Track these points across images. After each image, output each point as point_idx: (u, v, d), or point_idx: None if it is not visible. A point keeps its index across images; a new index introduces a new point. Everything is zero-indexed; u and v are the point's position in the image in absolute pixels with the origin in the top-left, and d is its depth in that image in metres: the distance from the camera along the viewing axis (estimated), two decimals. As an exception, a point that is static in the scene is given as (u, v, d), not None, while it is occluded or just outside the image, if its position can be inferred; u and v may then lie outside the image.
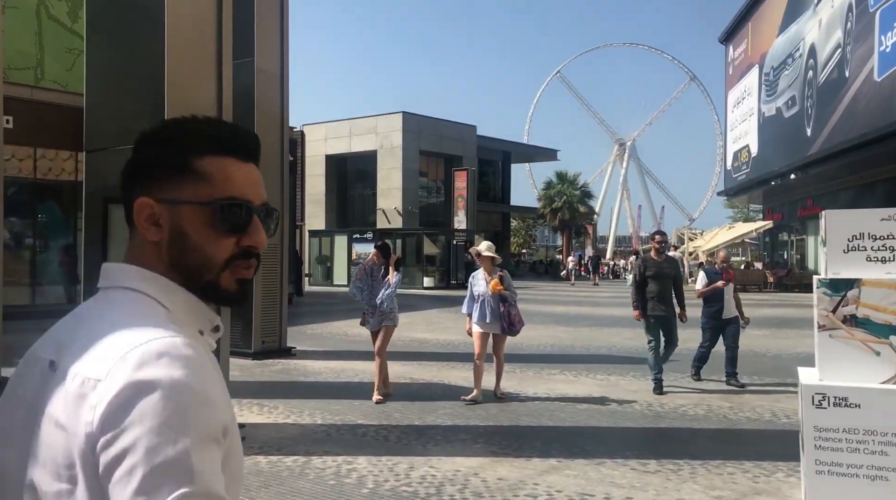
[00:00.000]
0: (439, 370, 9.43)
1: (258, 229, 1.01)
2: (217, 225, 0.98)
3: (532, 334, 13.54)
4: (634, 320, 8.99)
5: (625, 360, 10.56)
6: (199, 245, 0.98)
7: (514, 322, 7.62)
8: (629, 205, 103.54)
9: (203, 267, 0.99)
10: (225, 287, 1.00)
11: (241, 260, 1.00)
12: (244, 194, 0.99)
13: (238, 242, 0.99)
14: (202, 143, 0.99)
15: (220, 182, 0.98)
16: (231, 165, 1.00)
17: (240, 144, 1.01)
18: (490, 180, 46.30)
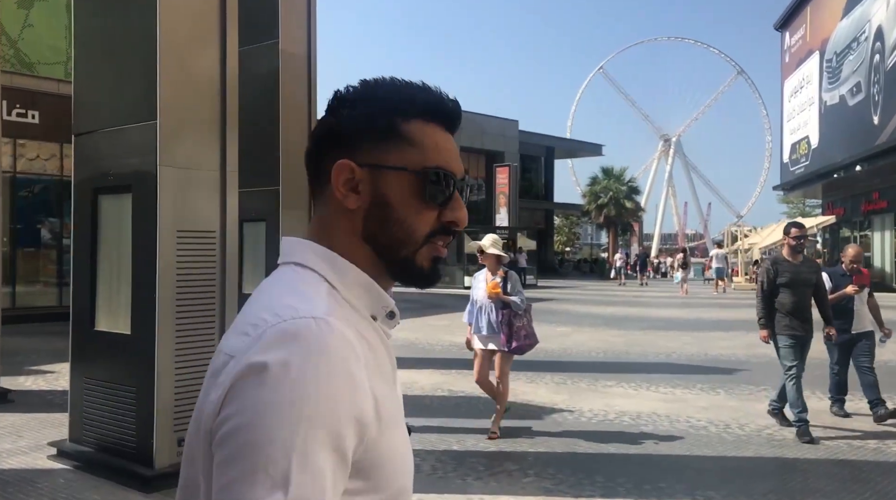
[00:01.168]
0: (481, 381, 8.48)
1: (460, 204, 0.93)
2: (424, 195, 0.90)
3: (581, 338, 12.50)
4: (690, 322, 7.82)
5: (687, 369, 9.46)
6: (402, 216, 0.90)
7: (517, 336, 5.86)
8: (675, 202, 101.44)
9: (403, 241, 0.90)
10: (420, 264, 0.92)
11: (442, 236, 0.92)
12: (448, 165, 0.92)
13: (439, 217, 0.91)
14: (412, 107, 0.91)
15: (429, 150, 0.91)
16: (438, 134, 0.93)
17: (448, 111, 0.94)
18: (532, 177, 45.15)
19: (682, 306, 20.24)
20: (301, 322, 0.79)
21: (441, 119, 0.94)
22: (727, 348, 11.41)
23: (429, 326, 14.34)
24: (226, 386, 0.78)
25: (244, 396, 0.75)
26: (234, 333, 0.84)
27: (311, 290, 0.85)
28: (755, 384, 8.29)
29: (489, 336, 5.96)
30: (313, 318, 0.79)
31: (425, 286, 0.95)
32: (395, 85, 0.93)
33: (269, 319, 0.80)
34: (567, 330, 13.80)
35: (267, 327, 0.79)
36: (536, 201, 43.91)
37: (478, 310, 6.04)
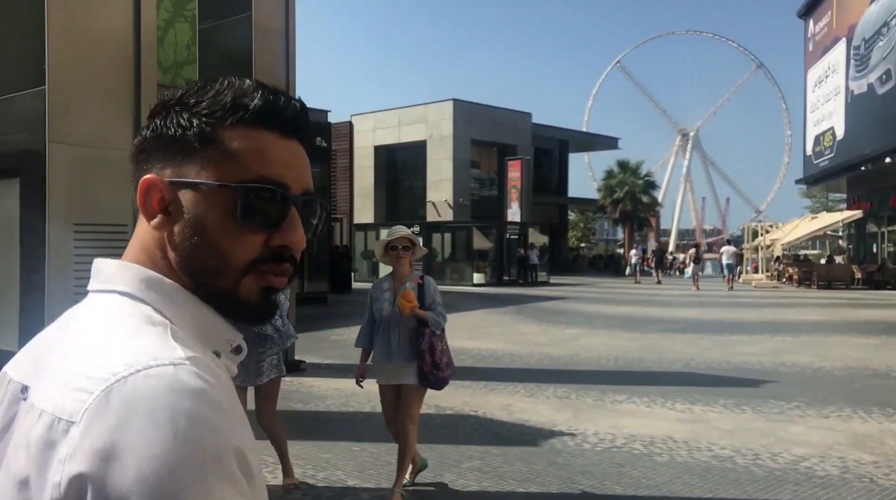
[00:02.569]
0: (474, 394, 7.53)
1: (295, 225, 0.78)
2: (240, 216, 0.75)
3: (592, 343, 11.51)
4: (710, 323, 6.84)
5: (708, 380, 8.45)
6: (215, 241, 0.76)
7: (439, 364, 4.33)
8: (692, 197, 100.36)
9: (218, 270, 0.76)
10: (245, 297, 0.77)
11: (271, 264, 0.77)
12: (281, 177, 0.77)
13: (267, 241, 0.77)
14: (231, 110, 0.77)
15: (249, 160, 0.76)
16: (266, 140, 0.78)
17: (280, 112, 0.78)
18: (546, 171, 44.01)
19: (701, 305, 19.16)
20: (167, 371, 0.66)
21: (273, 124, 0.78)
22: (751, 354, 10.38)
23: (428, 327, 13.41)
24: (77, 466, 0.61)
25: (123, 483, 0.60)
26: (58, 384, 0.67)
27: (150, 326, 0.72)
28: (786, 400, 7.27)
29: (400, 366, 4.33)
30: (175, 364, 0.67)
31: (256, 323, 0.80)
32: (217, 87, 0.79)
33: (119, 366, 0.66)
34: (577, 333, 12.81)
35: (118, 381, 0.64)
36: (550, 196, 42.78)
37: (383, 329, 4.39)
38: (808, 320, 14.85)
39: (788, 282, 28.15)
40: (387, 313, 4.40)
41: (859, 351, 10.64)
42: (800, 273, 27.36)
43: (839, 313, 16.14)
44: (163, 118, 0.79)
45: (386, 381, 4.45)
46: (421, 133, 36.74)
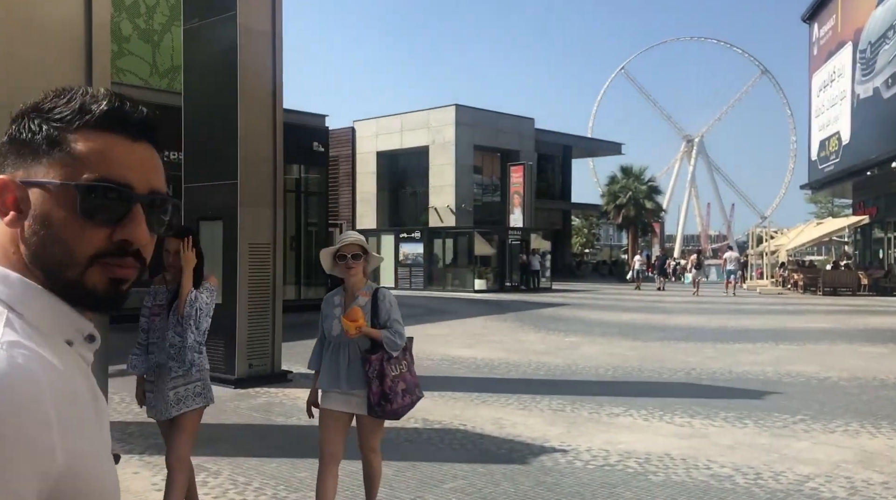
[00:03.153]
0: (465, 406, 7.23)
1: (137, 222, 0.82)
2: (81, 211, 0.80)
3: (591, 351, 11.21)
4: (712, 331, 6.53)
5: (709, 391, 8.15)
6: (61, 235, 0.81)
7: (392, 393, 3.71)
8: (697, 203, 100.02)
9: (63, 263, 0.81)
10: (91, 286, 0.82)
11: (114, 257, 0.82)
12: (123, 178, 0.82)
13: (111, 236, 0.82)
14: (77, 114, 0.83)
15: (92, 162, 0.82)
16: (111, 143, 0.83)
17: (123, 117, 0.84)
18: (549, 176, 43.76)
19: (704, 312, 18.83)
20: None
21: (119, 128, 0.84)
22: (755, 364, 10.07)
23: (424, 335, 13.10)
24: None
25: None
26: None
27: None
28: (790, 413, 6.97)
29: (349, 393, 3.77)
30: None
31: (106, 311, 0.85)
32: (70, 94, 0.85)
33: None
34: (576, 341, 12.51)
35: None
36: (553, 201, 42.52)
37: (332, 352, 3.85)
38: (813, 328, 14.52)
39: (793, 288, 27.79)
40: (336, 332, 3.78)
41: (867, 361, 10.32)
42: (805, 279, 27.01)
43: (845, 321, 15.80)
44: (18, 124, 0.84)
45: (335, 405, 3.81)
46: (423, 138, 36.54)
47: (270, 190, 8.41)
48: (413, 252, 28.36)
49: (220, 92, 8.29)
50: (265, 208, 8.35)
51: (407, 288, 27.87)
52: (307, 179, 18.16)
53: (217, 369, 8.16)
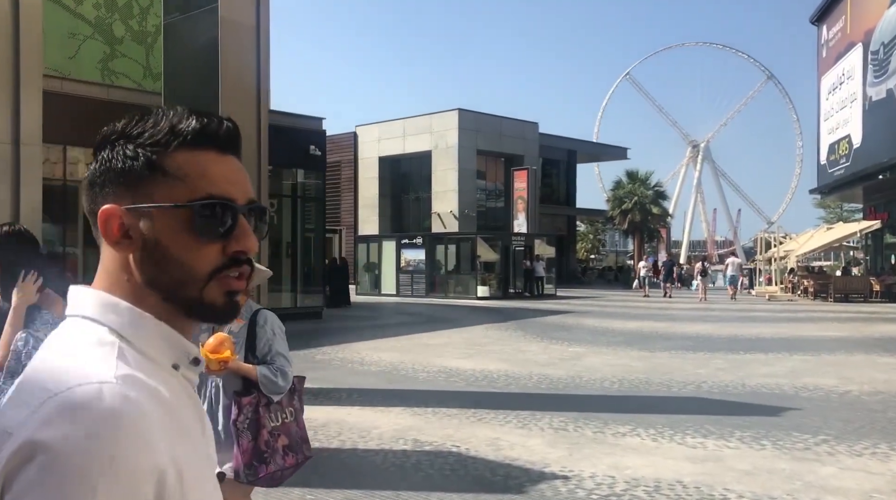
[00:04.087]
0: (460, 425, 6.72)
1: (246, 232, 0.87)
2: (196, 230, 0.84)
3: (595, 362, 10.68)
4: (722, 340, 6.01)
5: (722, 407, 7.63)
6: (177, 256, 0.84)
7: (265, 452, 2.89)
8: (703, 209, 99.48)
9: (184, 281, 0.85)
10: (211, 302, 0.86)
11: (231, 269, 0.86)
12: (226, 192, 0.86)
13: (224, 249, 0.86)
14: (170, 136, 0.85)
15: (195, 180, 0.85)
16: (207, 160, 0.86)
17: (213, 132, 0.87)
18: (554, 181, 43.28)
19: (713, 320, 18.27)
20: (92, 389, 0.74)
21: (210, 143, 0.87)
22: (768, 376, 9.54)
23: (421, 345, 12.62)
24: (3, 466, 0.72)
25: (27, 478, 0.69)
26: (12, 403, 0.77)
27: (100, 346, 0.81)
28: (811, 432, 6.44)
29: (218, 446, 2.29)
30: (103, 383, 0.75)
31: (223, 322, 0.93)
32: (155, 118, 0.88)
33: (57, 384, 0.75)
34: (580, 351, 11.99)
35: (51, 397, 0.74)
36: (558, 207, 42.04)
37: (201, 392, 2.97)
38: (827, 337, 13.96)
39: (803, 295, 27.19)
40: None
41: (888, 372, 9.78)
42: (815, 285, 26.41)
43: (861, 329, 15.23)
44: (109, 151, 0.87)
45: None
46: (426, 143, 36.12)
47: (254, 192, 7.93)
48: (415, 258, 27.86)
49: (201, 90, 7.84)
50: (249, 213, 7.87)
51: (409, 295, 27.36)
52: (304, 183, 17.69)
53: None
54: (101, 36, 16.62)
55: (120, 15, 16.99)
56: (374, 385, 8.70)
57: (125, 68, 16.84)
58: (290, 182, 17.15)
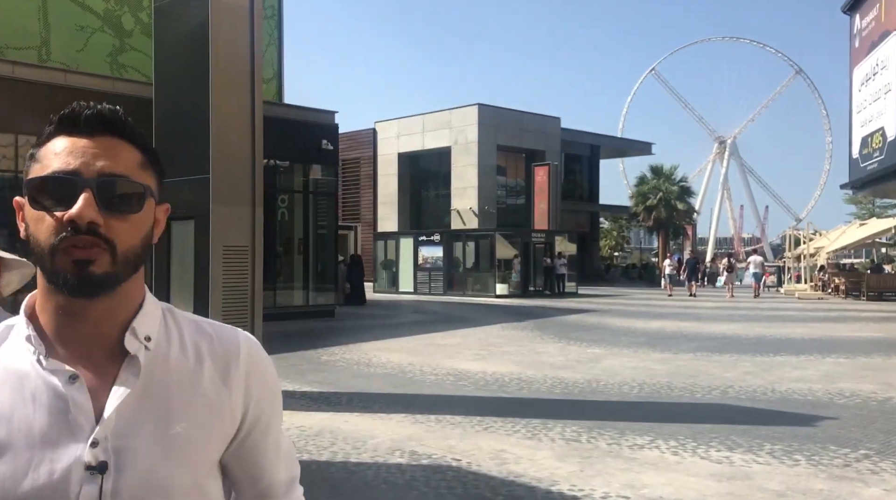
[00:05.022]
0: (463, 435, 6.21)
1: (84, 201, 0.88)
2: (32, 205, 0.92)
3: (615, 365, 10.11)
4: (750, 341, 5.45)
5: (750, 416, 7.04)
6: (33, 232, 0.92)
7: None
8: (730, 205, 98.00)
9: (41, 257, 0.91)
10: (62, 270, 0.89)
11: (71, 237, 0.89)
12: (68, 166, 0.91)
13: (62, 220, 0.89)
14: (45, 130, 0.96)
15: (48, 161, 0.93)
16: (60, 142, 0.93)
17: (72, 118, 0.94)
18: (576, 177, 42.54)
19: (740, 319, 17.56)
20: None
21: (68, 128, 0.94)
22: (800, 380, 8.91)
23: (433, 345, 12.12)
24: None
25: None
26: None
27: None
28: (850, 446, 5.83)
29: None
30: None
31: (79, 293, 0.91)
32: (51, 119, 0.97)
33: None
34: (599, 353, 11.41)
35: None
36: (580, 203, 41.28)
37: None
38: (862, 338, 13.24)
39: (834, 293, 26.29)
40: None
41: None
42: (847, 283, 25.52)
43: (887, 329, 14.49)
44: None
45: None
46: (445, 139, 35.60)
47: (248, 186, 7.48)
48: (432, 256, 27.37)
49: (192, 76, 7.41)
50: (242, 207, 7.42)
51: (426, 293, 26.88)
52: (316, 179, 17.25)
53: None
54: (109, 29, 16.31)
55: (129, 7, 16.67)
56: (377, 389, 8.22)
57: (134, 61, 16.51)
58: (301, 177, 16.72)
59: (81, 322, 0.93)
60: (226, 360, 1.01)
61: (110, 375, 0.94)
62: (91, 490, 0.88)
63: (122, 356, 0.95)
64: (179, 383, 0.97)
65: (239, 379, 1.01)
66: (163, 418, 0.94)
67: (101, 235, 0.89)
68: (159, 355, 0.97)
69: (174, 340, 1.00)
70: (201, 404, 0.97)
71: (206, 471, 0.97)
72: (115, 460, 0.90)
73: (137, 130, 0.97)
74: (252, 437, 1.04)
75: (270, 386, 1.06)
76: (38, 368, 0.92)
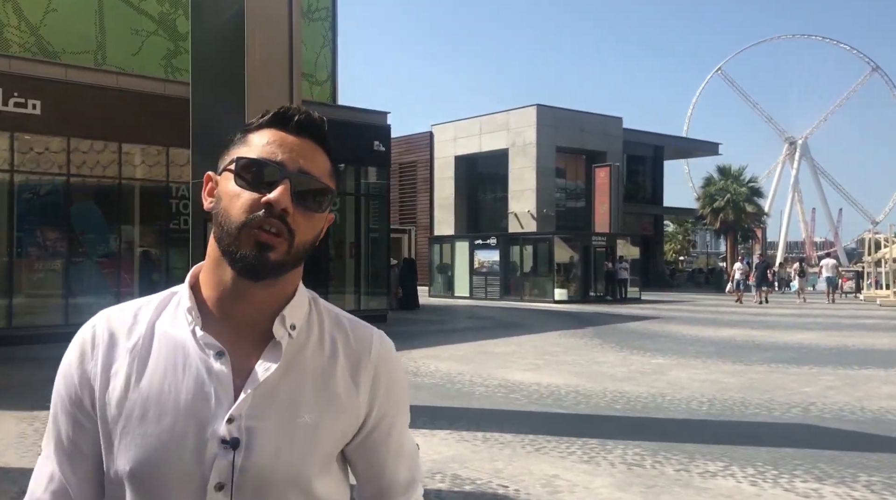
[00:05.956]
0: (512, 456, 5.61)
1: (282, 189, 0.96)
2: (236, 180, 0.98)
3: (682, 377, 9.35)
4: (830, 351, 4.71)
5: (838, 438, 6.23)
6: (225, 206, 0.98)
7: None
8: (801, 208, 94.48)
9: (227, 230, 0.97)
10: (242, 250, 0.96)
11: (262, 218, 0.95)
12: (275, 156, 0.99)
13: (259, 201, 0.96)
14: (258, 119, 1.03)
15: (255, 147, 1.00)
16: (274, 135, 1.01)
17: (283, 117, 1.02)
18: (639, 179, 41.34)
19: (817, 327, 16.40)
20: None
21: (280, 124, 1.02)
22: (892, 397, 8.01)
23: (485, 353, 11.53)
24: None
25: None
26: None
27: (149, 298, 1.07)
28: (962, 479, 5.00)
29: None
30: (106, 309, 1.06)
31: (249, 274, 0.97)
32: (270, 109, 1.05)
33: None
34: (664, 363, 10.63)
35: None
36: (643, 205, 40.06)
37: None
38: (958, 350, 12.07)
39: (920, 300, 24.57)
40: None
41: None
42: (935, 290, 23.78)
43: None
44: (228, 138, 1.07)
45: None
46: (503, 141, 35.00)
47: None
48: (489, 260, 26.76)
49: (227, 68, 7.04)
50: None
51: (482, 298, 26.29)
52: (368, 181, 16.88)
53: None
54: (164, 32, 16.32)
55: (184, 10, 16.63)
56: (422, 401, 7.69)
57: (189, 64, 16.50)
58: (353, 180, 16.38)
59: (240, 302, 0.99)
60: (358, 358, 1.05)
61: (254, 356, 0.99)
62: (223, 464, 0.94)
63: (267, 340, 1.00)
64: (314, 374, 1.01)
65: (367, 378, 1.05)
66: (294, 405, 0.99)
67: (287, 224, 0.96)
68: (299, 344, 1.02)
69: (314, 331, 1.05)
70: (331, 398, 1.02)
71: (326, 462, 1.02)
72: (246, 438, 0.95)
73: (332, 143, 1.06)
74: (374, 436, 1.07)
75: (397, 388, 1.10)
76: (192, 339, 0.98)
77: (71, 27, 14.87)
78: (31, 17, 14.29)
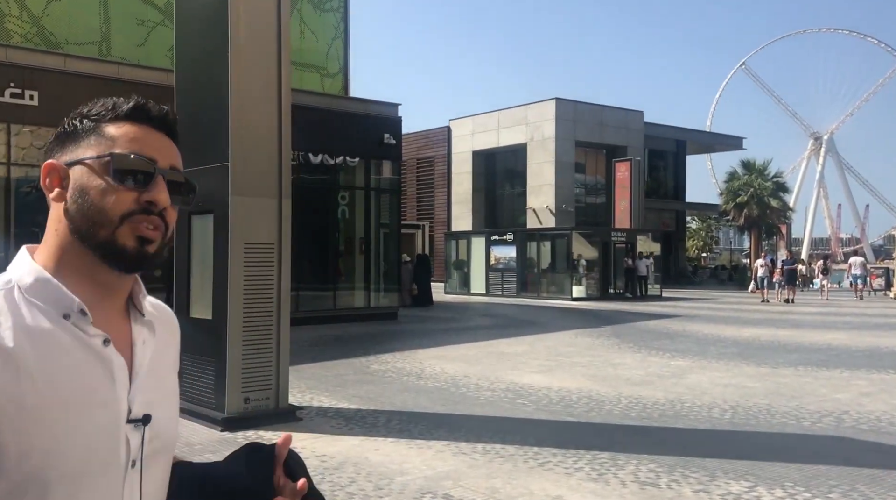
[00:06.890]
0: (512, 472, 5.10)
1: (161, 187, 0.99)
2: (113, 176, 0.97)
3: (702, 381, 8.77)
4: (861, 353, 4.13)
5: (877, 453, 5.65)
6: (97, 200, 0.97)
7: None
8: (826, 204, 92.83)
9: (100, 224, 0.97)
10: (122, 244, 0.97)
11: (141, 216, 0.98)
12: (148, 153, 0.99)
13: (138, 199, 0.98)
14: (110, 111, 1.02)
15: (123, 142, 0.99)
16: (138, 130, 1.01)
17: (147, 111, 1.02)
18: (661, 174, 40.47)
19: (844, 327, 15.67)
20: None
21: (143, 119, 1.01)
22: (934, 406, 7.37)
23: (495, 354, 11.01)
24: None
25: None
26: None
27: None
28: None
29: None
30: None
31: (133, 268, 1.00)
32: (105, 100, 1.04)
33: None
34: (684, 366, 10.05)
35: None
36: (665, 201, 39.22)
37: None
38: None
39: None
40: None
41: None
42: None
43: None
44: (63, 124, 1.03)
45: None
46: (521, 136, 34.39)
47: (274, 175, 6.59)
48: (505, 256, 26.19)
49: (210, 52, 6.58)
50: (267, 199, 6.53)
51: (499, 295, 25.74)
52: (378, 176, 16.40)
53: (202, 403, 6.43)
54: (171, 22, 15.91)
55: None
56: (422, 407, 7.20)
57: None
58: (362, 173, 15.90)
59: (110, 291, 1.00)
60: (171, 323, 1.13)
61: (126, 333, 1.02)
62: (136, 442, 0.97)
63: (129, 320, 1.03)
64: (160, 343, 1.06)
65: (177, 342, 1.14)
66: (162, 374, 1.05)
67: (165, 219, 0.99)
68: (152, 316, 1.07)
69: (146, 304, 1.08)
70: (172, 362, 1.11)
71: None
72: (150, 412, 0.99)
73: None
74: None
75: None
76: (74, 330, 0.95)
77: (74, 17, 14.53)
78: (32, 7, 13.96)
